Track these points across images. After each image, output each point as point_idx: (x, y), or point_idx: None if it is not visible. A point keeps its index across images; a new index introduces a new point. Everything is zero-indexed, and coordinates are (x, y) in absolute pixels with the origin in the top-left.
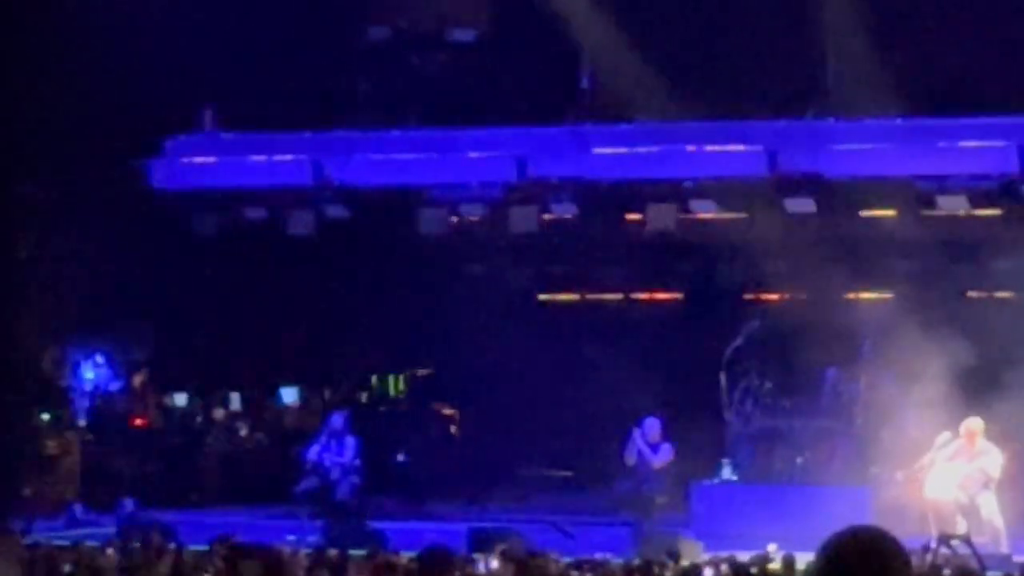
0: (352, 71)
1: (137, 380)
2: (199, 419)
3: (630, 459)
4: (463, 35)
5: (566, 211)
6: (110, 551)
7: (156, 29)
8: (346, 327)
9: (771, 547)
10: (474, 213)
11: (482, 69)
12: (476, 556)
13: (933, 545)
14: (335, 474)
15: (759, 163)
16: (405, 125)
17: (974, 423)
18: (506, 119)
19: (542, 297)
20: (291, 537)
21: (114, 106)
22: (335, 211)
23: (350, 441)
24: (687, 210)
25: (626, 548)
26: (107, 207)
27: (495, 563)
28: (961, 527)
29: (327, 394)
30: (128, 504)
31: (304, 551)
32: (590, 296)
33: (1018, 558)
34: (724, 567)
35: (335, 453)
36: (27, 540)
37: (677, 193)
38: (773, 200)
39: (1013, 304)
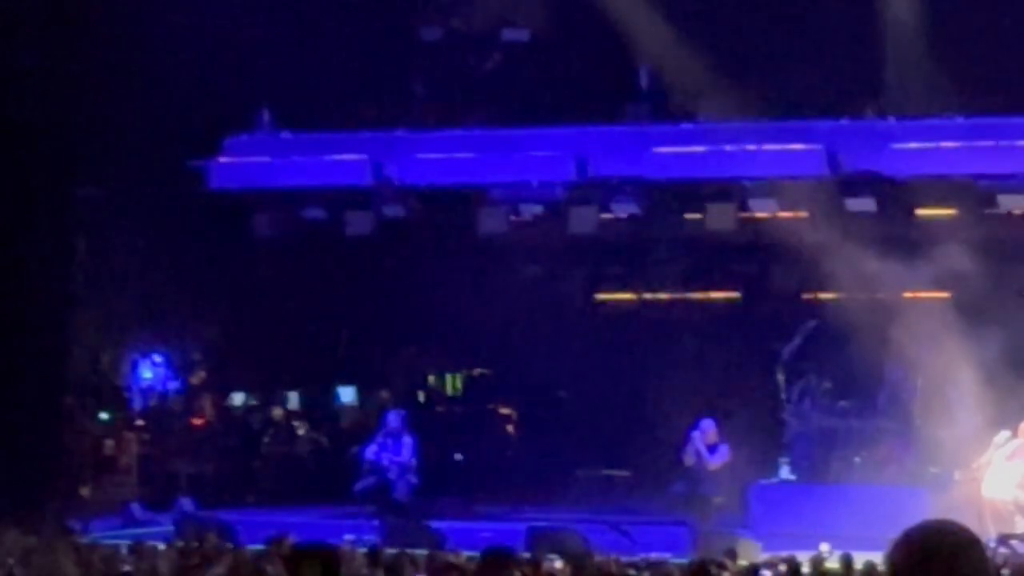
0: (407, 71)
1: (196, 379)
2: (257, 419)
3: (689, 460)
4: (518, 35)
5: (625, 211)
6: (168, 550)
7: (214, 30)
8: (403, 327)
9: (824, 547)
10: (533, 213)
11: (539, 69)
12: (550, 556)
13: (992, 545)
14: (393, 473)
15: (819, 162)
16: (464, 124)
17: None
18: (565, 118)
19: (599, 297)
20: (349, 536)
21: (172, 107)
22: (393, 211)
23: (407, 440)
24: (746, 209)
25: (684, 548)
26: (166, 208)
27: (558, 563)
28: (1020, 527)
29: (385, 393)
30: (185, 504)
31: (362, 550)
32: (647, 296)
33: None
34: (782, 567)
35: (393, 452)
36: (85, 540)
37: (736, 192)
38: (833, 199)
39: None
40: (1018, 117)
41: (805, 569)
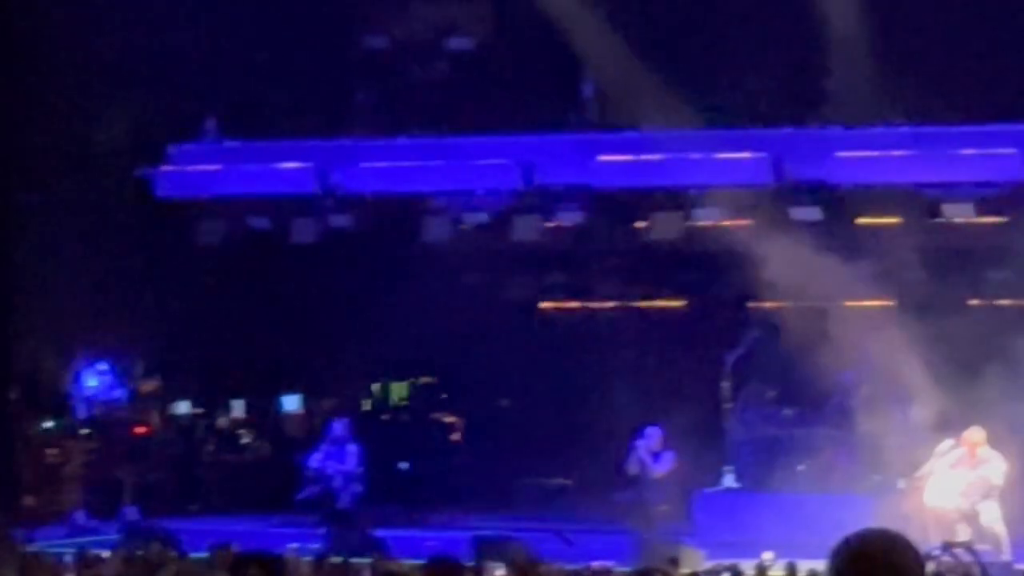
0: (351, 80)
1: (146, 388)
2: (201, 427)
3: (632, 468)
4: (462, 43)
5: (570, 219)
6: (112, 559)
7: (159, 39)
8: (349, 335)
9: (767, 555)
10: (478, 221)
11: (483, 77)
12: (489, 564)
13: (936, 553)
14: (337, 482)
15: (764, 171)
16: (409, 133)
17: (976, 432)
18: (509, 127)
19: (544, 305)
20: (293, 545)
21: (118, 115)
22: (339, 219)
23: (352, 449)
24: (691, 218)
25: (628, 556)
26: (111, 215)
27: (500, 572)
28: (962, 535)
29: (329, 402)
30: (130, 512)
31: (307, 559)
32: (591, 304)
33: (1020, 566)
34: (726, 575)
35: (337, 461)
36: (29, 549)
37: (681, 201)
38: (777, 208)
39: (1015, 312)
40: (962, 126)
41: (750, 573)
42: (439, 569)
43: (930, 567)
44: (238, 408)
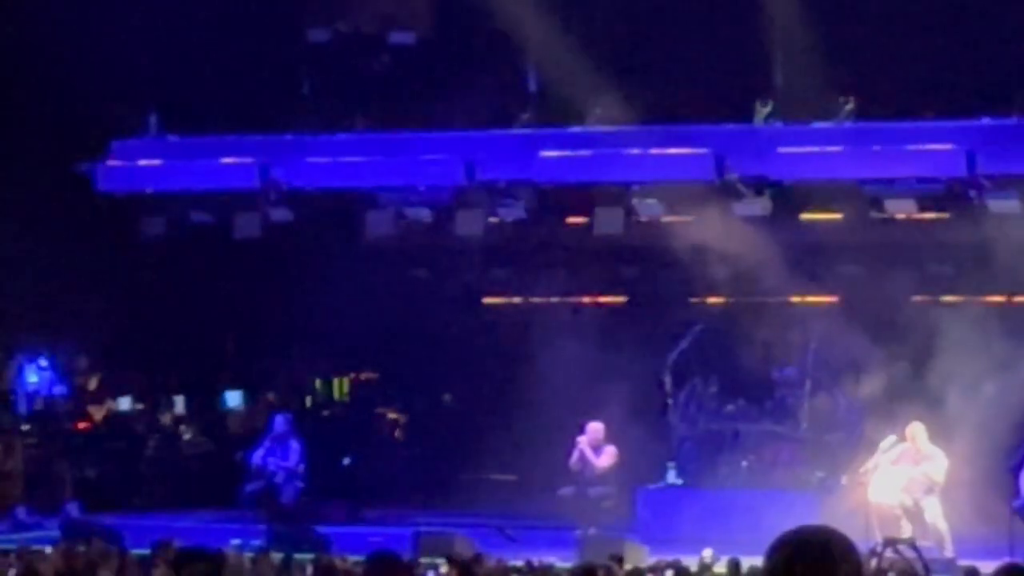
0: (294, 74)
1: (88, 384)
2: (143, 423)
3: (575, 464)
4: (404, 37)
5: (513, 214)
6: (54, 555)
7: (100, 33)
8: (291, 330)
9: (706, 552)
10: (420, 216)
11: (426, 72)
12: (423, 561)
13: (879, 549)
14: (279, 478)
15: (706, 166)
16: (351, 128)
17: (918, 428)
18: (452, 122)
19: (487, 300)
20: (235, 541)
21: (59, 109)
22: (281, 214)
23: (294, 445)
24: (633, 213)
25: (571, 552)
26: (52, 210)
27: (443, 568)
28: (905, 531)
29: (271, 397)
30: (72, 508)
31: (248, 555)
32: (534, 299)
33: (962, 562)
34: (669, 572)
35: (279, 457)
36: None
37: (624, 196)
38: (720, 203)
39: (958, 308)
40: (904, 122)
41: (693, 569)
42: (379, 564)
43: (873, 563)
44: (180, 404)
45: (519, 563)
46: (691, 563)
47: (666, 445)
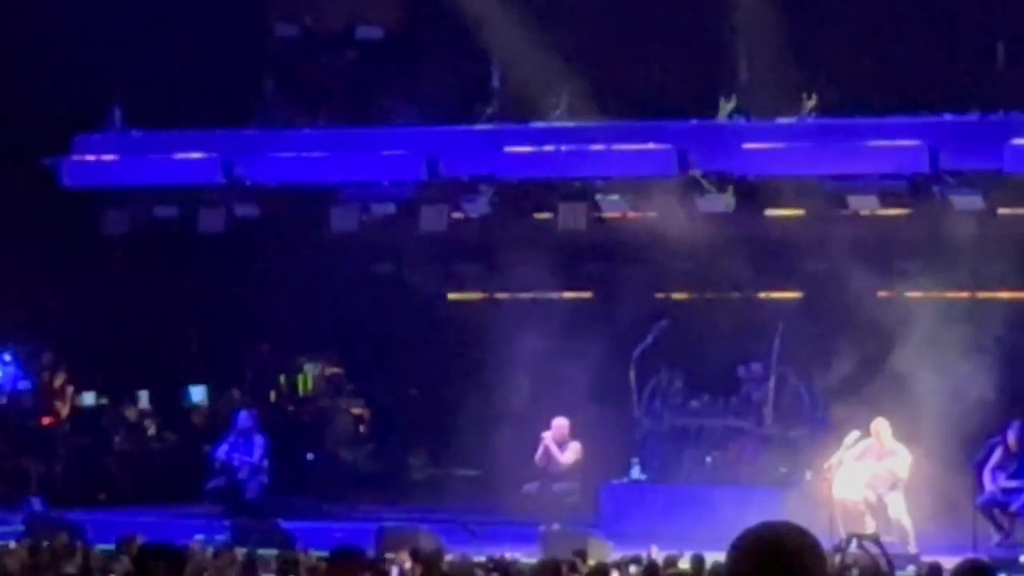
0: (260, 69)
1: (57, 381)
2: (107, 418)
3: (539, 460)
4: (371, 33)
5: (477, 210)
6: (18, 549)
7: (64, 27)
8: (255, 325)
9: (653, 549)
10: (385, 212)
11: (391, 67)
12: (388, 556)
13: (842, 544)
14: (243, 473)
15: (669, 162)
16: (316, 123)
17: (882, 423)
18: (416, 118)
19: (452, 296)
20: (199, 536)
21: (22, 104)
22: (245, 209)
23: (258, 440)
24: (597, 209)
25: (534, 547)
26: (15, 205)
27: (407, 563)
28: (869, 527)
29: (236, 392)
30: (36, 503)
31: (212, 550)
32: (499, 295)
33: (926, 558)
34: (633, 567)
35: (243, 452)
36: None
37: (587, 192)
38: (683, 199)
39: (922, 303)
40: (867, 118)
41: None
42: (341, 559)
43: (837, 559)
44: (144, 399)
45: (483, 558)
46: (655, 559)
47: (630, 440)
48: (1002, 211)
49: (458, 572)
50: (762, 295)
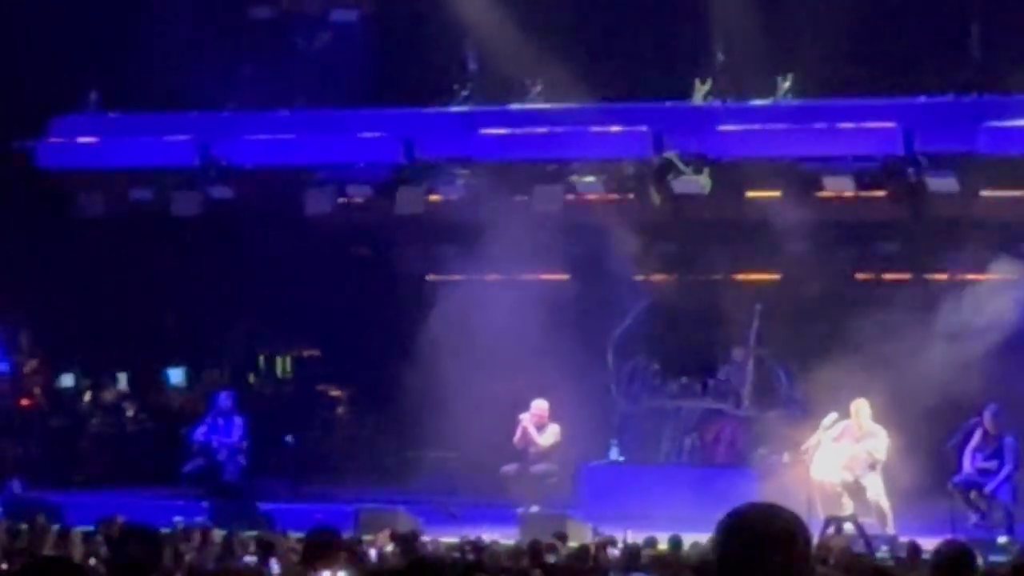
0: (235, 51)
1: (30, 361)
2: (86, 400)
3: (518, 442)
4: (346, 15)
5: (452, 192)
6: None
7: (39, 9)
8: (232, 308)
9: (628, 534)
10: (361, 194)
11: (367, 50)
12: (367, 537)
13: (821, 526)
14: (222, 455)
15: (645, 144)
16: (291, 106)
17: (861, 405)
18: (392, 100)
19: (429, 278)
20: (178, 518)
21: None
22: (221, 192)
23: (237, 422)
24: (574, 191)
25: (513, 529)
26: None
27: (388, 547)
28: (847, 508)
29: (214, 375)
30: (14, 485)
31: (191, 531)
32: (475, 277)
33: (904, 538)
34: (613, 548)
35: (222, 434)
36: None
37: (563, 174)
38: (659, 181)
39: (899, 285)
40: (843, 100)
41: (631, 541)
42: (317, 540)
43: (815, 540)
44: (122, 381)
45: (461, 540)
46: (636, 540)
47: (609, 422)
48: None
49: (437, 553)
50: (739, 277)
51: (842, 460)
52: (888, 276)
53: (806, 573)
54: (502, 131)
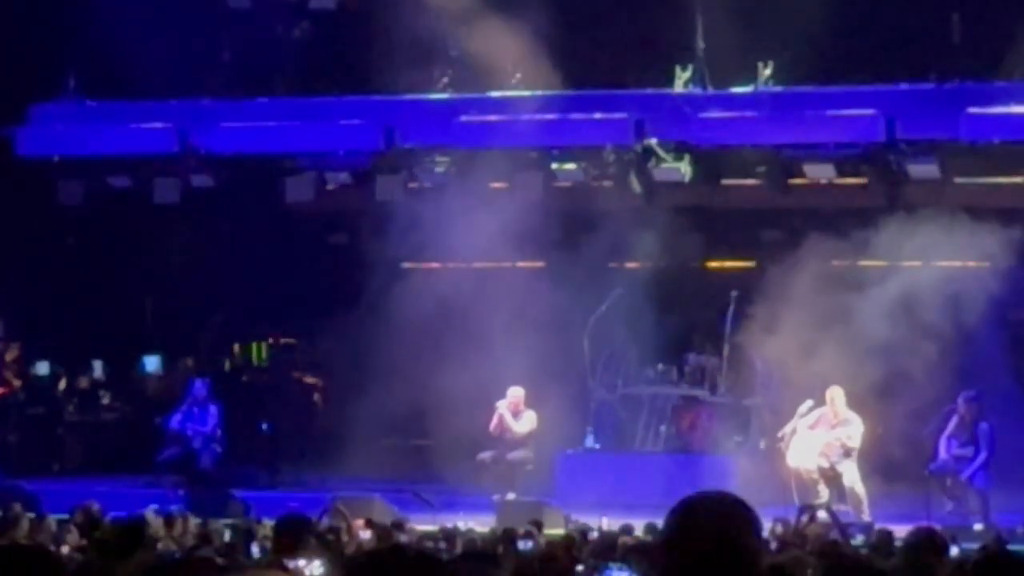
0: (214, 39)
1: (11, 352)
2: (61, 388)
3: (494, 429)
4: (325, 3)
5: (432, 179)
6: None
7: None
8: (210, 295)
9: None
10: (340, 181)
11: (346, 37)
12: (340, 525)
13: (796, 513)
14: (197, 443)
15: (625, 132)
16: (271, 93)
17: (836, 392)
18: (372, 88)
19: (406, 265)
20: (153, 506)
21: None
22: (200, 179)
23: (212, 410)
24: (554, 178)
25: (489, 516)
26: None
27: (364, 534)
28: (823, 495)
29: (190, 362)
30: None
31: (167, 519)
32: (454, 264)
33: (879, 525)
34: (593, 535)
35: (197, 422)
36: None
37: (543, 161)
38: (639, 168)
39: (877, 272)
40: (823, 87)
41: (608, 527)
42: (288, 527)
43: (789, 528)
44: (99, 369)
45: (437, 527)
46: (611, 527)
47: (585, 410)
48: (957, 180)
49: (412, 541)
50: (717, 264)
51: (818, 447)
52: (865, 263)
53: (757, 561)
54: (482, 118)
